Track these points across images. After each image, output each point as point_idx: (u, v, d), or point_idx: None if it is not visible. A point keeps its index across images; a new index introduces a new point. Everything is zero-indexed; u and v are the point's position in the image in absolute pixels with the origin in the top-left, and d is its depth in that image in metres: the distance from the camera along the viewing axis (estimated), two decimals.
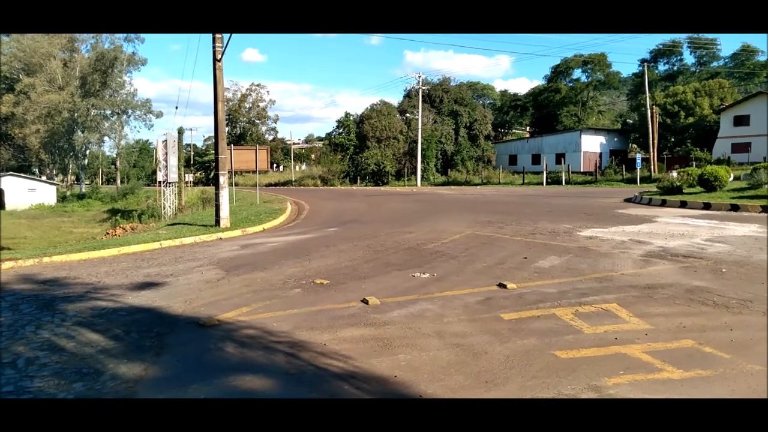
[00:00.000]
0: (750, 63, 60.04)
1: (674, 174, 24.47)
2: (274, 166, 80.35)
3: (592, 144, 53.44)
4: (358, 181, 52.87)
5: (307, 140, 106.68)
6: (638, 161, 37.37)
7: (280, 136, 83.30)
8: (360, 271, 7.57)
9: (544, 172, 42.96)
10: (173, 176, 25.93)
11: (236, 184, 32.72)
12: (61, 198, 50.03)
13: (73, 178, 63.09)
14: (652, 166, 39.02)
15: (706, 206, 16.22)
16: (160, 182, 27.64)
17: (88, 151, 57.94)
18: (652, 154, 39.95)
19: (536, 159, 53.53)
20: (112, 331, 5.07)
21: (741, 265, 7.24)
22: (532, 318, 5.08)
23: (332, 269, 7.77)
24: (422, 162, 49.95)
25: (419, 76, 52.26)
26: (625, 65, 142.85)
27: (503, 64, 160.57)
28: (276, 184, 58.61)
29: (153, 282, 7.26)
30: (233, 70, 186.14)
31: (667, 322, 4.84)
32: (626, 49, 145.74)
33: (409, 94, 58.89)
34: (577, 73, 67.51)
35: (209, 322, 5.18)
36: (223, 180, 14.22)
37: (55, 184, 52.40)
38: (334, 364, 4.03)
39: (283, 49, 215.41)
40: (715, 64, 63.24)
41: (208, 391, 3.64)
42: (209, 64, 14.08)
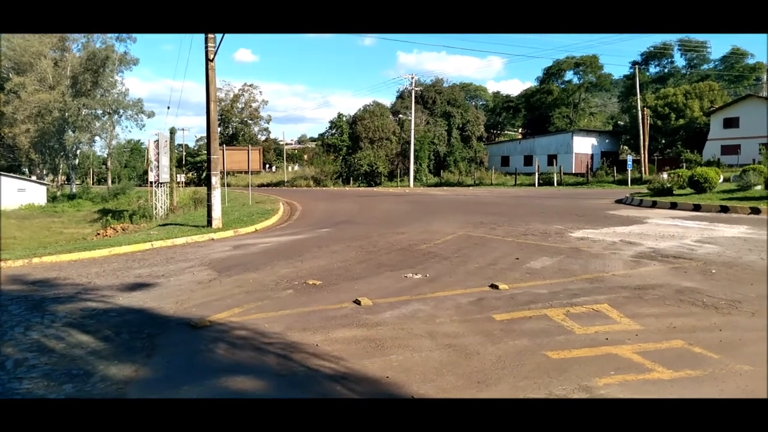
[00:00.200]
0: (739, 66, 60.61)
1: (665, 176, 24.62)
2: (267, 166, 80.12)
3: (584, 145, 53.71)
4: (351, 181, 52.83)
5: (300, 141, 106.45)
6: (629, 163, 37.59)
7: (272, 136, 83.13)
8: (352, 272, 7.57)
9: (536, 174, 43.12)
10: (165, 176, 25.81)
11: (228, 185, 32.59)
12: (52, 198, 49.61)
13: (63, 178, 62.60)
14: (643, 168, 39.29)
15: (696, 208, 16.36)
16: (151, 182, 27.51)
17: (78, 151, 57.49)
18: (643, 156, 40.22)
19: (528, 160, 53.71)
20: (103, 332, 5.03)
21: (730, 266, 7.30)
22: (524, 319, 5.10)
23: (325, 270, 7.76)
24: (415, 163, 49.99)
25: (412, 77, 52.37)
26: (617, 67, 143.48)
27: (496, 65, 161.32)
28: (268, 185, 58.47)
29: (144, 283, 7.22)
30: (226, 71, 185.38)
31: (657, 322, 4.88)
32: (618, 51, 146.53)
33: (401, 95, 58.96)
34: (569, 75, 67.93)
35: (201, 323, 5.16)
36: (215, 180, 14.17)
37: (45, 184, 51.95)
38: (326, 365, 4.03)
39: (276, 50, 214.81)
40: (705, 66, 63.76)
41: (200, 392, 3.63)
42: (202, 64, 14.05)
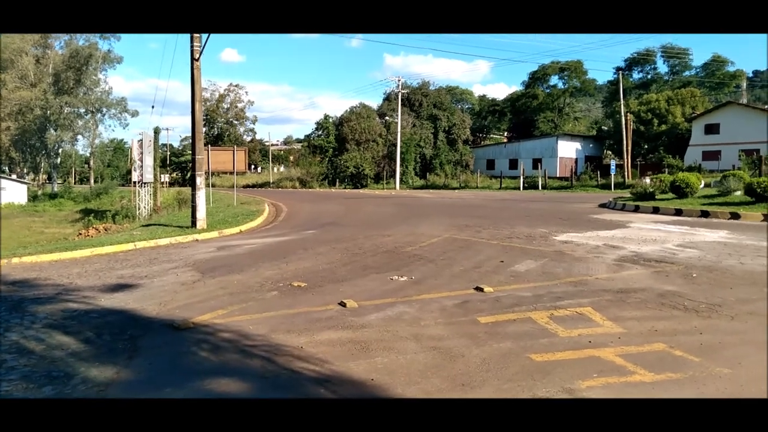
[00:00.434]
0: (720, 73, 61.71)
1: (647, 180, 24.95)
2: (252, 167, 79.77)
3: (568, 150, 54.27)
4: (337, 183, 52.78)
5: (286, 142, 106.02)
6: (613, 167, 38.05)
7: (258, 137, 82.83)
8: (338, 274, 7.56)
9: (521, 177, 43.43)
10: (149, 176, 25.53)
11: (213, 185, 32.35)
12: (32, 197, 48.85)
13: (44, 177, 61.72)
14: (626, 173, 39.79)
15: (678, 212, 16.59)
16: (135, 182, 27.19)
17: (60, 150, 56.71)
18: (626, 161, 40.74)
19: (513, 164, 54.12)
20: (84, 333, 4.96)
21: (710, 270, 7.42)
22: (509, 321, 5.13)
23: (310, 272, 7.73)
24: (401, 165, 50.08)
25: (399, 80, 52.48)
26: (601, 73, 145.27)
27: (482, 69, 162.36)
28: (254, 186, 58.19)
29: (127, 284, 7.13)
30: (211, 70, 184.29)
31: (639, 325, 4.94)
32: (602, 56, 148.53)
33: (388, 98, 59.10)
34: (554, 80, 68.66)
35: (184, 325, 5.11)
36: (200, 181, 14.06)
37: (26, 183, 51.15)
38: (311, 368, 4.01)
39: (263, 50, 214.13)
40: (687, 73, 64.85)
41: (183, 394, 3.59)
42: (187, 63, 13.96)
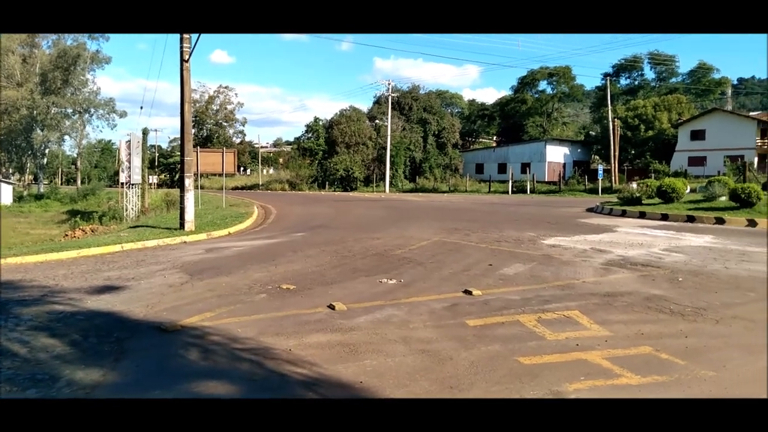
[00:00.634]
0: (706, 80, 62.59)
1: (634, 185, 25.17)
2: (242, 169, 79.43)
3: (557, 154, 54.67)
4: (327, 186, 52.72)
5: (276, 144, 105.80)
6: (600, 172, 38.38)
7: (248, 139, 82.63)
8: (327, 277, 7.55)
9: (510, 181, 43.67)
10: (136, 177, 25.33)
11: (202, 187, 32.14)
12: (18, 198, 48.21)
13: (30, 177, 61.03)
14: (613, 177, 40.16)
15: (664, 217, 16.77)
16: (122, 183, 26.97)
17: (47, 150, 56.06)
18: (613, 166, 41.13)
19: (502, 168, 54.38)
20: (70, 335, 4.91)
21: (696, 274, 7.51)
22: (497, 324, 5.15)
23: (299, 274, 7.71)
24: (391, 168, 50.15)
25: (389, 83, 52.63)
26: (589, 78, 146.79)
27: (471, 73, 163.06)
28: (243, 188, 57.94)
29: (113, 285, 7.07)
30: (201, 72, 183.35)
31: (626, 329, 4.98)
32: (590, 62, 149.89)
33: (378, 101, 59.19)
34: (543, 85, 69.20)
35: (172, 327, 5.07)
36: (189, 182, 13.98)
37: (11, 184, 50.46)
38: (299, 371, 4.01)
39: (253, 52, 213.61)
40: (673, 80, 65.65)
41: (170, 397, 3.56)
42: (176, 64, 13.91)
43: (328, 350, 4.45)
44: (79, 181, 61.04)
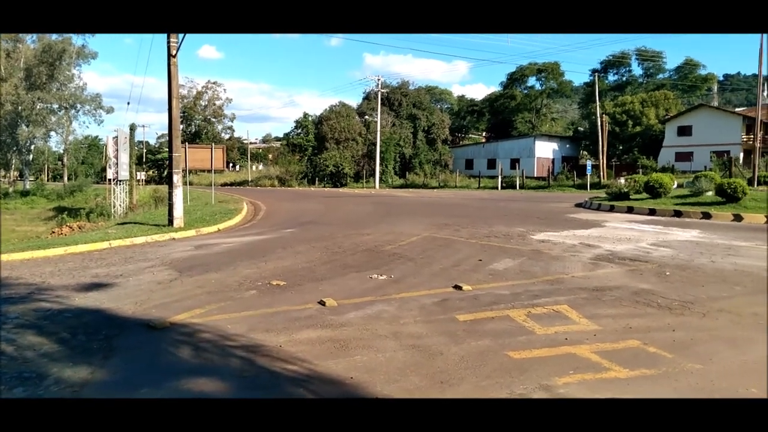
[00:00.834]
0: (692, 76, 63.11)
1: (622, 181, 25.38)
2: (231, 165, 78.95)
3: (546, 150, 54.93)
4: (317, 182, 52.58)
5: (265, 140, 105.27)
6: (588, 168, 38.65)
7: (236, 135, 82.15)
8: (317, 273, 7.54)
9: (500, 177, 43.84)
10: (124, 174, 25.07)
11: (191, 183, 31.90)
12: (3, 195, 47.55)
13: (16, 174, 60.17)
14: (602, 173, 40.46)
15: (652, 212, 16.94)
16: (110, 180, 26.69)
17: (32, 146, 55.29)
18: (601, 161, 41.42)
19: (492, 164, 54.57)
20: (57, 333, 4.86)
21: (683, 268, 7.59)
22: (487, 319, 5.18)
23: (289, 270, 7.70)
24: (381, 164, 50.12)
25: (378, 79, 52.55)
26: (577, 74, 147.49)
27: (461, 69, 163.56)
28: (232, 184, 57.63)
29: (101, 283, 7.01)
30: (189, 67, 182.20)
31: (614, 323, 5.03)
32: (578, 59, 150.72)
33: (368, 97, 59.05)
34: (532, 81, 69.37)
35: (161, 324, 5.04)
36: (177, 179, 13.87)
37: None
38: (290, 367, 4.00)
39: (241, 48, 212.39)
40: (660, 76, 66.13)
41: (160, 394, 3.54)
42: (164, 59, 13.73)
43: (318, 346, 4.45)
44: (66, 178, 60.34)
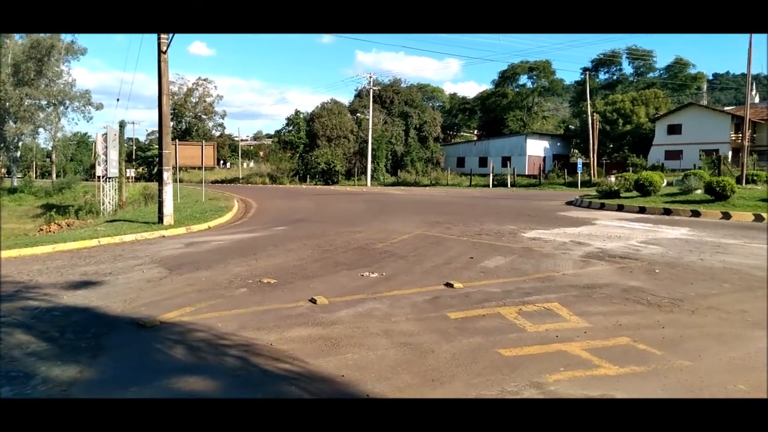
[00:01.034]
0: (682, 75, 63.56)
1: (612, 179, 25.55)
2: (221, 162, 78.59)
3: (537, 148, 55.09)
4: (308, 179, 52.45)
5: (256, 137, 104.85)
6: (579, 166, 38.84)
7: (227, 132, 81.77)
8: (308, 271, 7.51)
9: (491, 175, 43.93)
10: (113, 171, 24.86)
11: (181, 181, 31.70)
12: None
13: (3, 171, 59.51)
14: (592, 171, 40.65)
15: (642, 210, 17.05)
16: (99, 177, 26.46)
17: (20, 143, 54.72)
18: (592, 160, 41.61)
19: (483, 161, 54.67)
20: (45, 332, 4.81)
21: (672, 266, 7.64)
22: (478, 317, 5.18)
23: (280, 268, 7.67)
24: (372, 162, 50.06)
25: (370, 77, 52.45)
26: (568, 73, 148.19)
27: (453, 67, 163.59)
28: (223, 182, 57.34)
29: (90, 281, 6.95)
30: (179, 63, 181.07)
31: (604, 320, 5.05)
32: (569, 57, 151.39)
33: (360, 94, 58.92)
34: (523, 79, 69.43)
35: (150, 323, 5.00)
36: (167, 176, 13.78)
37: None
38: (281, 365, 3.98)
39: (233, 44, 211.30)
40: (651, 75, 66.51)
41: (149, 393, 3.52)
42: (154, 56, 13.63)
43: (309, 344, 4.44)
44: (55, 175, 59.80)
